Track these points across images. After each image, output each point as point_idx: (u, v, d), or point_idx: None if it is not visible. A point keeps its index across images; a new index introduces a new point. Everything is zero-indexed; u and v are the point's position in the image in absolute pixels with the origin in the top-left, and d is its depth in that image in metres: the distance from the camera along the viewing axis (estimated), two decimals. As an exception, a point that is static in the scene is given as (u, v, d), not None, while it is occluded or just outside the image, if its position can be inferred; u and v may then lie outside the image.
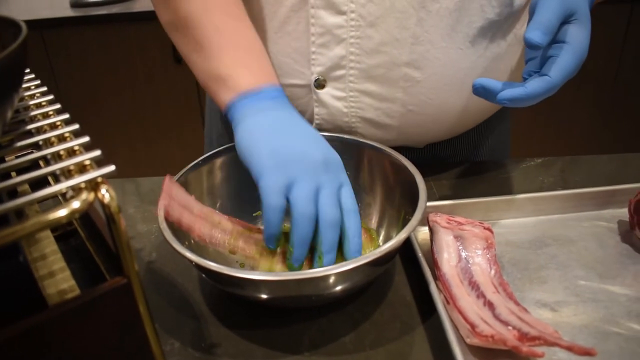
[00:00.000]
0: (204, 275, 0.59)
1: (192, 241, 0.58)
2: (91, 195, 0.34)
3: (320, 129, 0.74)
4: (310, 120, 0.75)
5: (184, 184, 0.62)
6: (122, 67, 1.98)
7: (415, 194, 0.58)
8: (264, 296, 0.53)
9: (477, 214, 0.67)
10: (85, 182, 0.34)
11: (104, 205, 0.35)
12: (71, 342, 0.36)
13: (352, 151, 0.68)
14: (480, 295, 0.53)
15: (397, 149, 0.78)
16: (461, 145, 0.84)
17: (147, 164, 2.18)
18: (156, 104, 2.04)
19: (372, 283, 0.61)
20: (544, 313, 0.55)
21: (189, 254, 0.51)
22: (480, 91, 0.57)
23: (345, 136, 0.69)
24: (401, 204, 0.63)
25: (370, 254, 0.49)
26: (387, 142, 0.75)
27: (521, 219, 0.69)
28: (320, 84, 0.71)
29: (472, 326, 0.49)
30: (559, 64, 0.54)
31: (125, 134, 2.10)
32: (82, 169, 0.37)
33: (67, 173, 0.36)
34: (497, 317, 0.50)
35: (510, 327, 0.49)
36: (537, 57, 0.57)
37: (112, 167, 0.36)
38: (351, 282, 0.54)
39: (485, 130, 0.85)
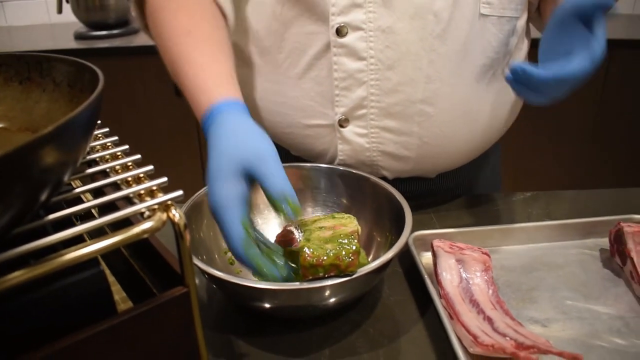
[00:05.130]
0: (214, 286, 0.66)
1: (204, 257, 0.67)
2: (164, 215, 0.40)
3: (344, 164, 0.81)
4: (334, 156, 0.81)
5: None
6: (122, 99, 2.04)
7: (402, 219, 0.65)
8: (269, 305, 0.60)
9: (475, 241, 0.73)
10: (158, 203, 0.41)
11: (174, 224, 0.41)
12: (138, 340, 0.41)
13: (345, 181, 0.76)
14: (480, 311, 0.60)
15: (412, 179, 0.86)
16: (464, 175, 0.92)
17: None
18: (155, 137, 2.09)
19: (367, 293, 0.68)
20: (536, 328, 0.62)
21: (212, 270, 0.58)
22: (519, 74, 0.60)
23: (340, 167, 0.77)
24: (389, 229, 0.70)
25: (366, 267, 0.57)
26: (404, 173, 0.82)
27: (514, 246, 0.76)
28: (342, 123, 0.78)
29: (475, 337, 0.56)
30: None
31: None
32: (150, 193, 0.43)
33: (139, 197, 0.43)
34: (495, 329, 0.57)
35: (507, 338, 0.55)
36: None
37: (180, 192, 0.42)
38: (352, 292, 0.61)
39: (483, 162, 0.93)
